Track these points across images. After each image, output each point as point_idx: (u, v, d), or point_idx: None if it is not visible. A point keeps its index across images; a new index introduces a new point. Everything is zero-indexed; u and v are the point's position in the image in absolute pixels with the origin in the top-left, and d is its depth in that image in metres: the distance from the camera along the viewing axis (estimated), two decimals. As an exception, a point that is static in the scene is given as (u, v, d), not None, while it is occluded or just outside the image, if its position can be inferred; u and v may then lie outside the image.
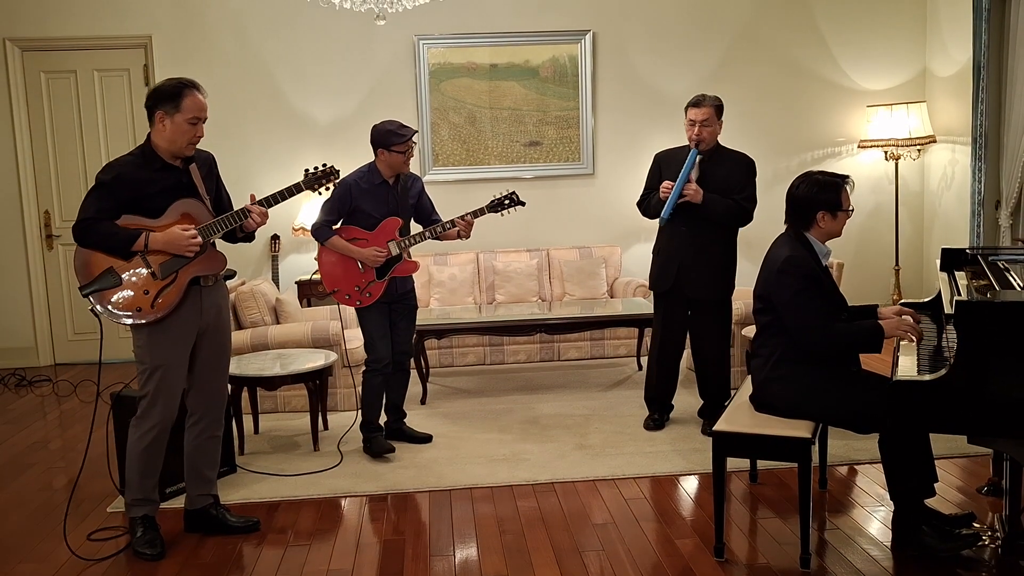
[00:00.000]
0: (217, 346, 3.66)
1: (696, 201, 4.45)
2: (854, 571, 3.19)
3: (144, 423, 3.51)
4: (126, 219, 3.41)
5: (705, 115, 4.47)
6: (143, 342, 3.48)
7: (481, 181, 6.76)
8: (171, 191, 3.47)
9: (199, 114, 3.42)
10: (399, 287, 4.56)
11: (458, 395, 5.65)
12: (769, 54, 6.97)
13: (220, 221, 3.52)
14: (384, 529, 3.73)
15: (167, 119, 3.39)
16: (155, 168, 3.44)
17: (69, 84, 6.73)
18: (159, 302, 3.42)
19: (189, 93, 3.39)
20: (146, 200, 3.42)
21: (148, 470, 3.56)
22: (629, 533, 3.58)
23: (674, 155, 4.65)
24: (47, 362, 6.89)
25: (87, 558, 3.51)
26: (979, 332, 2.70)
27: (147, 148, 3.46)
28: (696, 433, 4.69)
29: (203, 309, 3.56)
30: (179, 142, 3.42)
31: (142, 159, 3.45)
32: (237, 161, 6.64)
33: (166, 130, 3.40)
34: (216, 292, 3.63)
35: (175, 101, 3.37)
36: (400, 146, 4.36)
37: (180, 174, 3.50)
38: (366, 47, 6.75)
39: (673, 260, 4.61)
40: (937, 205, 6.94)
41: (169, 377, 3.49)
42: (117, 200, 3.38)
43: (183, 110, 3.38)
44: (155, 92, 3.43)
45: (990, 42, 5.91)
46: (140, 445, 3.52)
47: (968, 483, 3.94)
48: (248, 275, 6.72)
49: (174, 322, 3.47)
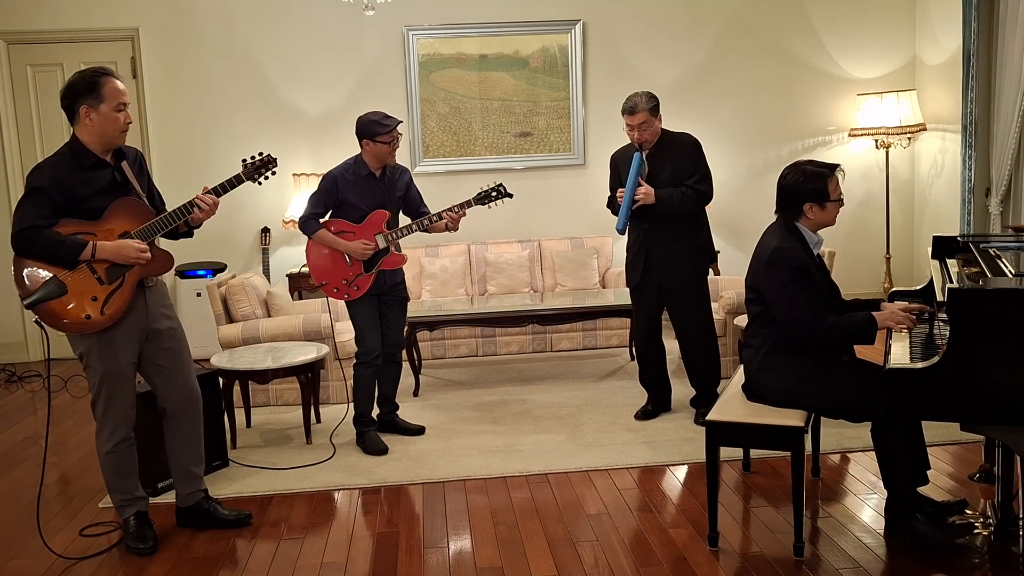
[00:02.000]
0: (173, 346, 3.55)
1: (650, 202, 4.47)
2: (847, 559, 3.20)
3: (104, 429, 3.46)
4: (65, 223, 3.27)
5: (641, 119, 4.48)
6: (91, 347, 3.37)
7: (471, 172, 6.74)
8: (107, 191, 3.35)
9: (122, 99, 3.31)
10: (388, 279, 4.55)
11: (450, 387, 5.64)
12: (759, 43, 6.96)
13: (164, 218, 3.42)
14: (378, 522, 3.73)
15: (92, 112, 3.28)
16: (87, 167, 3.31)
17: (56, 77, 6.67)
18: (108, 309, 3.31)
19: (107, 81, 3.29)
20: (83, 202, 3.29)
21: (123, 471, 3.52)
22: (623, 523, 3.58)
23: (625, 154, 4.69)
24: (37, 357, 6.86)
25: (78, 556, 3.49)
26: (971, 319, 2.70)
27: (76, 146, 3.33)
28: (689, 423, 4.69)
29: (149, 310, 3.46)
30: (110, 132, 3.31)
31: (72, 158, 3.31)
32: (226, 154, 6.61)
33: (94, 124, 3.29)
34: (158, 292, 3.53)
35: (95, 92, 3.27)
36: (385, 136, 4.34)
37: (113, 172, 3.39)
38: (355, 38, 6.71)
39: (640, 254, 4.65)
40: (928, 193, 6.95)
41: (121, 380, 3.41)
42: (54, 205, 3.24)
43: (106, 99, 3.27)
44: (70, 88, 3.31)
45: (980, 30, 5.91)
46: (105, 450, 3.48)
47: (960, 470, 3.95)
48: (239, 268, 6.69)
49: (121, 327, 3.37)
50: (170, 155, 6.68)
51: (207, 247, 6.43)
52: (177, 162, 6.66)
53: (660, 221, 4.56)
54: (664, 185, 4.51)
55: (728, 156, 6.88)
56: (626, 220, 4.54)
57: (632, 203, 4.49)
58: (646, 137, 4.52)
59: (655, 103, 4.53)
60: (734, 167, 6.93)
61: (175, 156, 6.66)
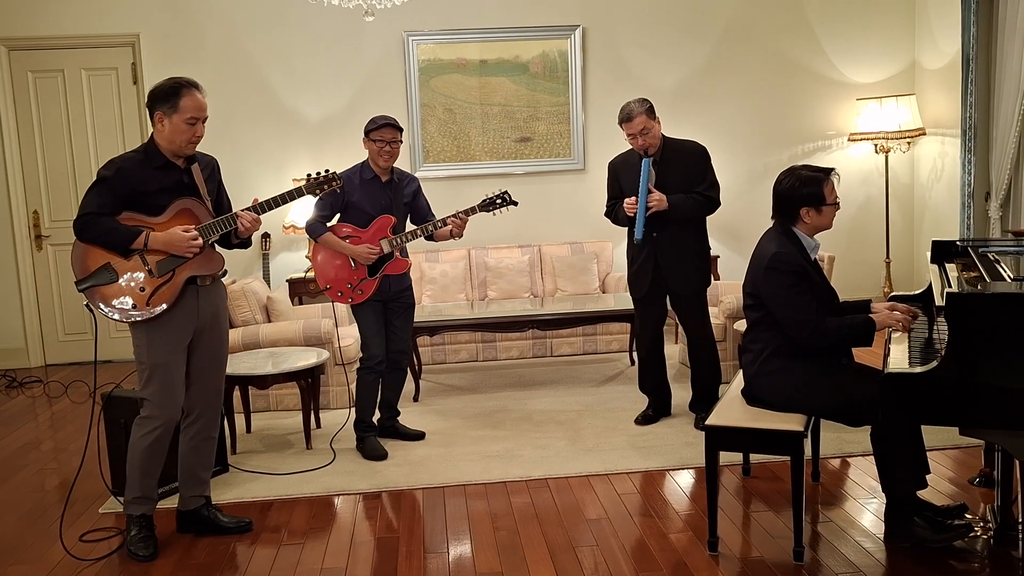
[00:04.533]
0: (214, 346, 3.64)
1: (663, 209, 4.46)
2: (847, 563, 3.20)
3: (148, 422, 3.50)
4: (126, 215, 3.40)
5: (640, 126, 4.47)
6: (142, 341, 3.47)
7: (472, 177, 6.76)
8: (172, 190, 3.46)
9: (197, 114, 3.40)
10: (393, 285, 4.55)
11: (451, 392, 5.64)
12: (759, 48, 6.97)
13: (219, 222, 3.51)
14: (378, 527, 3.73)
15: (165, 119, 3.38)
16: (156, 166, 3.44)
17: (57, 83, 6.69)
18: (153, 299, 3.41)
19: (187, 93, 3.38)
20: (147, 197, 3.42)
21: (150, 469, 3.55)
22: (622, 528, 3.58)
23: (626, 161, 4.68)
24: (38, 363, 6.86)
25: (81, 558, 3.50)
26: (970, 324, 2.71)
27: (150, 146, 3.47)
28: (689, 427, 4.70)
29: (200, 309, 3.54)
30: (178, 142, 3.41)
31: (144, 156, 3.45)
32: (227, 159, 6.55)
33: (165, 130, 3.40)
34: (213, 292, 3.61)
35: (172, 101, 3.36)
36: (373, 133, 4.38)
37: (182, 174, 3.50)
38: (355, 44, 6.73)
39: (647, 264, 4.63)
40: (927, 197, 6.96)
41: (169, 376, 3.48)
42: (118, 196, 3.38)
43: (180, 110, 3.37)
44: (153, 93, 3.42)
45: (979, 34, 5.92)
46: (143, 444, 3.50)
47: (960, 474, 3.95)
48: (239, 273, 6.69)
49: (171, 321, 3.46)
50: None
51: (208, 252, 6.43)
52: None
53: (669, 229, 4.54)
54: (673, 192, 4.49)
55: (728, 160, 6.88)
56: (644, 227, 4.49)
57: (646, 210, 4.46)
58: (649, 142, 4.50)
59: (649, 105, 4.52)
60: (734, 171, 6.93)
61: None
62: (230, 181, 3.78)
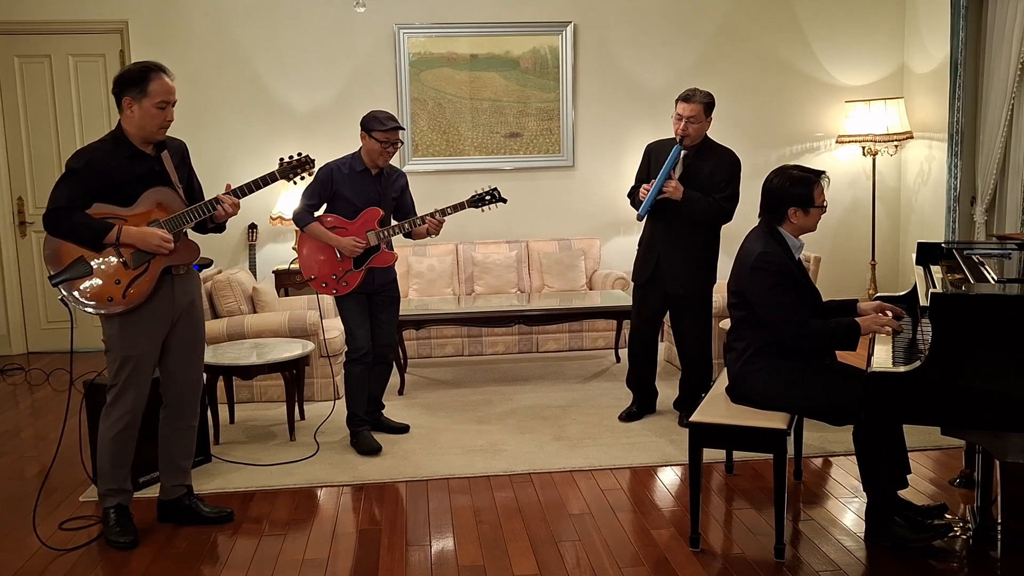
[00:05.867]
0: (190, 336, 3.61)
1: (676, 198, 4.43)
2: (827, 561, 3.21)
3: (114, 412, 3.48)
4: (97, 207, 3.35)
5: (693, 111, 4.43)
6: (114, 331, 3.44)
7: (461, 172, 6.74)
8: (143, 179, 3.41)
9: (167, 97, 3.35)
10: (379, 278, 4.54)
11: (436, 386, 5.64)
12: (749, 48, 6.99)
13: (191, 211, 3.47)
14: (360, 519, 3.72)
15: (135, 104, 3.33)
16: (126, 155, 3.38)
17: (43, 69, 6.63)
18: (131, 292, 3.37)
19: (155, 77, 3.33)
20: (118, 188, 3.37)
21: (119, 459, 3.53)
22: (605, 523, 3.59)
23: (663, 147, 4.63)
24: (20, 351, 6.81)
25: (58, 548, 3.47)
26: (954, 324, 2.72)
27: (118, 134, 3.40)
28: (673, 424, 4.71)
29: (175, 299, 3.52)
30: (149, 127, 3.36)
31: (113, 146, 3.39)
32: (214, 149, 6.58)
33: (135, 116, 3.34)
34: (188, 281, 3.59)
35: (141, 86, 3.31)
36: (379, 134, 4.34)
37: (152, 162, 3.45)
38: (346, 36, 6.70)
39: (652, 253, 4.63)
40: (913, 200, 6.99)
41: (140, 367, 3.46)
42: (88, 188, 3.32)
43: (150, 94, 3.31)
44: (120, 78, 3.36)
45: (967, 39, 5.95)
46: (110, 434, 3.48)
47: (941, 475, 3.98)
48: (225, 264, 6.66)
49: (146, 312, 3.43)
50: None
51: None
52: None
53: (679, 225, 4.52)
54: (695, 190, 4.47)
55: (716, 160, 6.90)
56: (648, 208, 4.46)
57: (659, 193, 4.43)
58: (690, 132, 4.45)
59: (711, 102, 4.48)
60: (722, 171, 6.94)
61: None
62: (216, 170, 3.76)
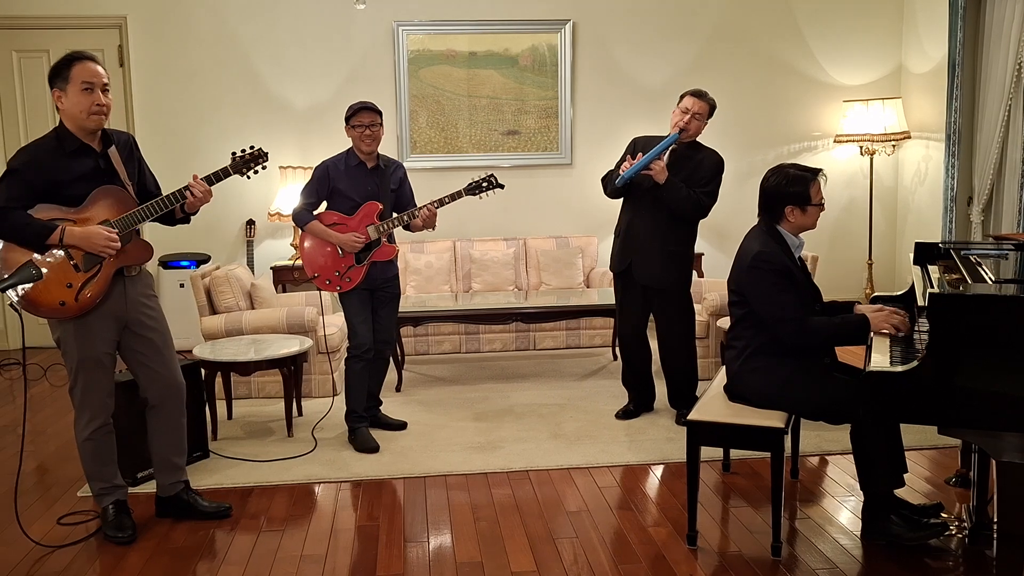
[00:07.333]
0: (155, 334, 3.52)
1: (659, 181, 4.45)
2: (824, 559, 3.23)
3: (82, 417, 3.44)
4: (43, 209, 3.23)
5: (701, 108, 4.52)
6: (67, 336, 3.35)
7: (458, 169, 6.74)
8: (89, 177, 3.30)
9: (90, 78, 3.25)
10: (381, 273, 4.54)
11: (433, 383, 5.64)
12: (747, 47, 7.00)
13: (147, 208, 3.37)
14: (358, 515, 3.72)
15: (63, 95, 3.26)
16: (70, 151, 3.28)
17: (42, 64, 6.62)
18: (83, 295, 3.28)
19: (78, 63, 3.25)
20: (63, 187, 3.25)
21: (102, 459, 3.50)
22: (602, 521, 3.60)
23: (650, 142, 4.65)
24: (16, 345, 6.79)
25: (52, 545, 3.47)
26: (951, 324, 2.73)
27: (61, 130, 3.30)
28: (670, 422, 4.72)
29: (128, 300, 3.43)
30: (79, 115, 3.25)
31: (56, 142, 3.28)
32: (212, 145, 6.59)
33: (65, 106, 3.27)
34: (140, 282, 3.49)
35: (63, 74, 3.25)
36: (353, 119, 4.37)
37: (98, 158, 3.35)
38: (345, 32, 6.70)
39: (628, 244, 4.65)
40: (910, 200, 7.01)
41: (97, 370, 3.39)
42: (30, 187, 3.20)
43: (72, 79, 3.23)
44: (49, 73, 3.30)
45: (965, 40, 5.97)
46: (83, 437, 3.46)
47: (937, 474, 3.99)
48: (223, 260, 6.67)
49: (98, 315, 3.34)
50: (156, 144, 6.62)
51: (191, 238, 6.39)
52: (163, 151, 6.61)
53: (658, 218, 4.54)
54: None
55: (714, 159, 6.91)
56: (629, 179, 4.47)
57: (645, 168, 4.44)
58: (691, 127, 4.53)
59: (715, 107, 4.60)
60: (720, 170, 6.95)
61: (161, 145, 6.62)
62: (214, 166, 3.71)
